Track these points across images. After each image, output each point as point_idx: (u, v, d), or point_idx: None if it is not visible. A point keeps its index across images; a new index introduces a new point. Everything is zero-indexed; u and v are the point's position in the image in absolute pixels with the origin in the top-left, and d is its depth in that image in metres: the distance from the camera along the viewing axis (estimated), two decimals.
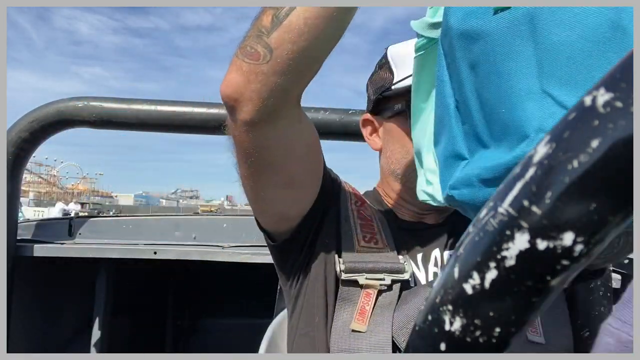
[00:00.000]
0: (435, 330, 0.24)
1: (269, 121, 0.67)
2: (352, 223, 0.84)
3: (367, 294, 0.77)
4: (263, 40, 0.60)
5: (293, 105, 0.70)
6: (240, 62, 0.62)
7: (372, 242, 0.82)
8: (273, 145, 0.72)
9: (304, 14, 0.58)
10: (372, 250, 0.81)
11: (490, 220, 0.21)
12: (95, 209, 29.51)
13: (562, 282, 0.20)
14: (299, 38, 0.59)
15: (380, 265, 0.78)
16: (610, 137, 0.17)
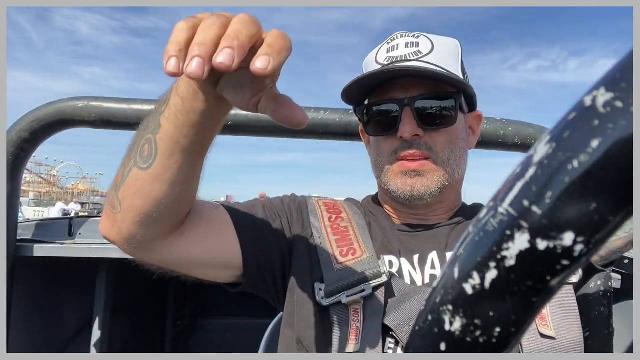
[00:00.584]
0: (436, 330, 0.24)
1: (151, 251, 0.74)
2: (328, 242, 0.84)
3: (354, 311, 0.77)
4: (116, 193, 0.70)
5: (175, 233, 0.74)
6: (106, 208, 0.74)
7: (349, 254, 0.82)
8: (184, 260, 0.78)
9: (136, 176, 0.66)
10: (350, 262, 0.81)
11: (490, 220, 0.21)
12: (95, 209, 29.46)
13: (562, 282, 0.20)
14: (135, 197, 0.67)
15: (358, 277, 0.78)
16: (611, 137, 0.17)
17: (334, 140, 1.37)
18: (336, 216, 0.89)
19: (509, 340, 0.22)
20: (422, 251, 0.86)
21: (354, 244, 0.84)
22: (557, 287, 0.21)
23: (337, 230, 0.86)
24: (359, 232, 0.86)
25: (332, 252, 0.83)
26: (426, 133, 0.83)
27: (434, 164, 0.84)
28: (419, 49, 0.84)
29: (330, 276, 0.80)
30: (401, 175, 0.84)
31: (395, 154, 0.84)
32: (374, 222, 0.92)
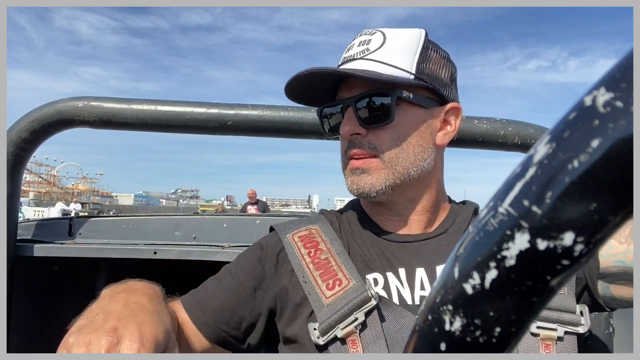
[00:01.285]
0: (436, 330, 0.24)
1: None
2: (313, 279, 0.83)
3: (352, 342, 0.76)
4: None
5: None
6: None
7: (335, 285, 0.81)
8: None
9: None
10: (338, 294, 0.80)
11: (490, 220, 0.21)
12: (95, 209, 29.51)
13: (562, 282, 0.20)
14: None
15: (348, 307, 0.77)
16: (611, 137, 0.17)
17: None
18: (315, 249, 0.87)
19: (509, 340, 0.22)
20: (409, 266, 0.85)
21: (338, 273, 0.82)
22: (557, 287, 0.21)
23: (319, 264, 0.85)
24: (340, 260, 0.85)
25: (319, 289, 0.81)
26: (370, 131, 0.83)
27: (380, 162, 0.83)
28: (367, 46, 0.84)
29: (322, 313, 0.78)
30: (350, 174, 0.86)
31: (346, 153, 0.86)
32: (353, 240, 0.90)
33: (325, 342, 0.76)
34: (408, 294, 0.82)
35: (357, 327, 0.76)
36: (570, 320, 0.76)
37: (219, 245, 1.45)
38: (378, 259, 0.86)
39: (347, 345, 0.76)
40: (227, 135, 1.38)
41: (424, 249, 0.86)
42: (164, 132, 1.38)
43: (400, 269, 0.84)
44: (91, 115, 1.31)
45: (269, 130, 1.34)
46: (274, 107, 1.35)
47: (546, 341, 0.75)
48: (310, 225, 0.94)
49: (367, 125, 0.83)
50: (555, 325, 0.75)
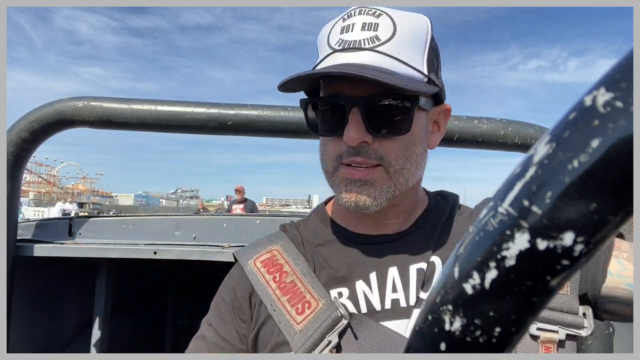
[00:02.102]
0: (435, 330, 0.24)
1: None
2: (281, 306, 0.78)
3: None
4: None
5: None
6: None
7: (305, 309, 0.76)
8: None
9: None
10: (309, 318, 0.75)
11: (490, 220, 0.21)
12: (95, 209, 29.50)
13: (562, 282, 0.20)
14: None
15: (321, 330, 0.73)
16: (611, 137, 0.17)
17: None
18: (279, 273, 0.81)
19: (509, 340, 0.22)
20: (381, 268, 0.79)
21: (306, 295, 0.78)
22: (557, 286, 0.21)
23: (286, 288, 0.79)
24: (306, 279, 0.79)
25: (288, 315, 0.77)
26: (376, 140, 0.73)
27: (384, 172, 0.74)
28: (377, 33, 0.71)
29: (296, 341, 0.74)
30: (345, 183, 0.75)
31: (340, 159, 0.75)
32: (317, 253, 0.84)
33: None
34: (377, 299, 0.77)
35: (332, 350, 0.73)
36: (572, 322, 0.71)
37: (219, 245, 1.45)
38: (346, 269, 0.80)
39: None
40: (227, 135, 1.38)
41: (397, 248, 0.80)
42: (164, 132, 1.39)
43: (371, 274, 0.78)
44: (91, 115, 1.31)
45: (269, 130, 1.34)
46: (274, 107, 1.35)
47: (547, 344, 0.71)
48: (272, 246, 0.87)
49: (375, 133, 0.72)
50: (556, 327, 0.71)
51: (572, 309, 0.72)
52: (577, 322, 0.71)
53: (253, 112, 1.33)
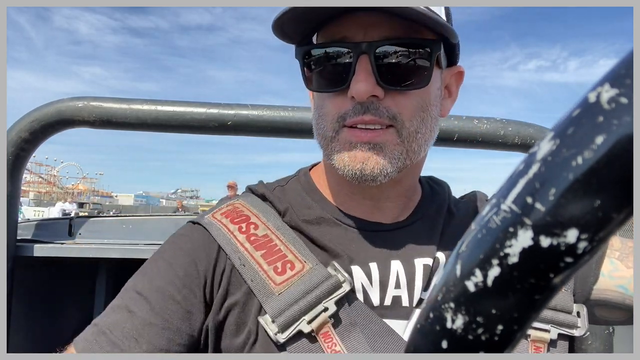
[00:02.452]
0: (437, 328, 0.24)
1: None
2: (252, 260, 0.64)
3: (325, 336, 0.61)
4: None
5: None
6: None
7: (286, 269, 0.63)
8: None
9: None
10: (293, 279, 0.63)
11: (493, 217, 0.21)
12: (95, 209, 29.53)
13: (565, 279, 0.20)
14: None
15: (316, 295, 0.61)
16: (615, 134, 0.17)
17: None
18: (246, 224, 0.67)
19: (511, 338, 0.22)
20: (382, 258, 0.68)
21: (287, 255, 0.65)
22: (560, 284, 0.20)
23: (257, 242, 0.65)
24: (285, 237, 0.66)
25: (263, 274, 0.63)
26: (388, 94, 0.61)
27: (396, 135, 0.63)
28: None
29: (274, 305, 0.61)
30: (350, 147, 0.62)
31: (343, 119, 0.63)
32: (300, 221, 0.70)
33: (286, 338, 0.60)
34: (376, 293, 0.67)
35: (329, 319, 0.61)
36: (565, 321, 0.66)
37: None
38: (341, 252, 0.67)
39: (319, 342, 0.61)
40: (227, 135, 1.38)
41: (398, 239, 0.70)
42: (164, 132, 1.38)
43: (372, 264, 0.67)
44: (91, 115, 1.31)
45: (269, 130, 1.34)
46: (274, 107, 1.35)
47: (537, 343, 0.65)
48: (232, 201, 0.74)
49: (388, 86, 0.61)
50: (548, 326, 0.65)
51: (566, 307, 0.67)
52: (570, 322, 0.66)
53: (253, 112, 1.33)
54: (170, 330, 0.62)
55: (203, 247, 0.67)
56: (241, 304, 0.64)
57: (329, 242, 0.68)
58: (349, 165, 0.62)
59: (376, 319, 0.65)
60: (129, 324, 0.61)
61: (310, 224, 0.70)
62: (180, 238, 0.70)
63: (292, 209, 0.71)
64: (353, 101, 0.61)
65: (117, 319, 0.62)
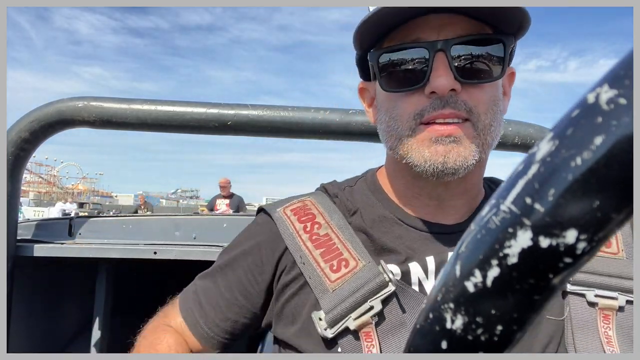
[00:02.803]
0: (437, 328, 0.24)
1: None
2: (312, 260, 0.70)
3: (366, 336, 0.65)
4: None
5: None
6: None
7: (341, 267, 0.68)
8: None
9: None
10: (346, 277, 0.67)
11: (492, 218, 0.21)
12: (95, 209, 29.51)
13: (565, 279, 0.20)
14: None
15: (361, 293, 0.65)
16: (614, 134, 0.17)
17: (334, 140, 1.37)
18: (311, 223, 0.73)
19: (510, 339, 0.22)
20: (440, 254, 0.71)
21: (343, 253, 0.69)
22: (559, 285, 0.20)
23: (319, 241, 0.71)
24: (344, 236, 0.71)
25: (321, 271, 0.68)
26: (464, 88, 0.64)
27: (473, 128, 0.65)
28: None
29: (328, 301, 0.66)
30: (429, 143, 0.64)
31: (420, 116, 0.65)
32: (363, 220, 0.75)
33: (334, 334, 0.64)
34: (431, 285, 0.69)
35: (374, 317, 0.64)
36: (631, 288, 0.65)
37: (219, 245, 1.45)
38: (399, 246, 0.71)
39: (361, 339, 0.64)
40: (227, 135, 1.38)
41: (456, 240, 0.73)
42: (164, 132, 1.38)
43: (428, 257, 0.70)
44: (91, 115, 1.31)
45: (269, 130, 1.34)
46: (274, 107, 1.35)
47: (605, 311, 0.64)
48: (304, 197, 0.80)
49: (464, 80, 0.63)
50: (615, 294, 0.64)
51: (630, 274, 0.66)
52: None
53: (253, 112, 1.33)
54: (236, 306, 0.76)
55: (270, 242, 0.76)
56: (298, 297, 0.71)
57: (388, 241, 0.72)
58: (430, 159, 0.64)
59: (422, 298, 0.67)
60: (211, 292, 0.79)
61: (372, 222, 0.74)
62: (255, 228, 0.81)
63: (360, 210, 0.76)
64: (431, 97, 0.64)
65: (207, 285, 0.80)
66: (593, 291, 0.65)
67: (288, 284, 0.73)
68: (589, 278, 0.66)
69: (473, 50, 0.64)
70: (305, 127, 1.33)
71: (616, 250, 0.68)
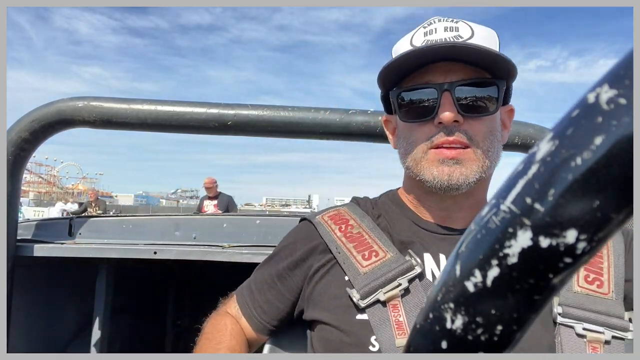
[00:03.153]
0: (437, 328, 0.24)
1: None
2: (346, 250, 0.84)
3: (394, 307, 0.77)
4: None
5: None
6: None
7: (372, 256, 0.82)
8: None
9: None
10: (376, 264, 0.81)
11: (492, 218, 0.21)
12: None
13: (565, 279, 0.20)
14: None
15: (392, 273, 0.79)
16: (614, 134, 0.17)
17: (334, 140, 1.37)
18: (345, 225, 0.89)
19: (510, 338, 0.22)
20: (449, 252, 0.82)
21: (373, 246, 0.84)
22: (559, 285, 0.20)
23: (352, 237, 0.86)
24: (374, 234, 0.86)
25: (354, 259, 0.83)
26: (466, 121, 0.79)
27: (473, 154, 0.80)
28: (459, 33, 0.81)
29: (359, 280, 0.79)
30: (437, 164, 0.80)
31: (431, 142, 0.80)
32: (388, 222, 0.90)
33: (365, 305, 0.77)
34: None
35: (401, 291, 0.77)
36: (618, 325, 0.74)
37: (219, 245, 1.45)
38: (416, 243, 0.85)
39: (388, 309, 0.77)
40: (227, 135, 1.38)
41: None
42: (164, 132, 1.38)
43: (441, 254, 0.83)
44: (91, 115, 1.31)
45: (269, 130, 1.34)
46: (274, 107, 1.35)
47: (593, 343, 0.74)
48: (339, 207, 0.97)
49: (465, 114, 0.79)
50: (602, 329, 0.74)
51: (617, 313, 0.75)
52: (623, 325, 0.74)
53: (253, 112, 1.33)
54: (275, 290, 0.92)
55: (306, 238, 0.92)
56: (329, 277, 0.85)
57: (406, 237, 0.86)
58: (438, 177, 0.79)
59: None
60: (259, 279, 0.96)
61: (393, 224, 0.90)
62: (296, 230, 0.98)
63: (383, 214, 0.93)
64: (439, 127, 0.79)
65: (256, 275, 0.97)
66: (582, 324, 0.74)
67: (319, 269, 0.87)
68: (579, 313, 0.75)
69: (472, 90, 0.80)
70: (305, 127, 1.33)
71: (607, 291, 0.77)
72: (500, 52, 0.80)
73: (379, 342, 0.76)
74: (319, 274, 0.87)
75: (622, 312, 0.75)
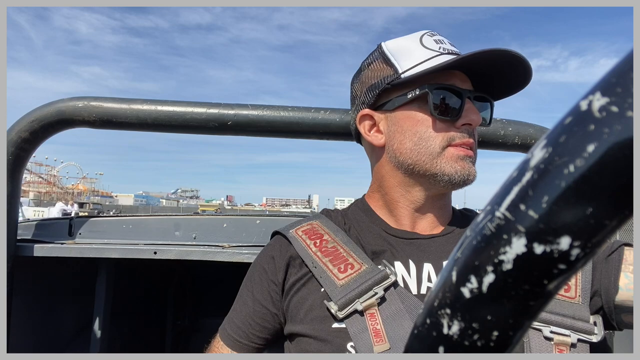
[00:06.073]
0: (434, 333, 0.24)
1: None
2: (322, 264, 0.86)
3: (371, 315, 0.79)
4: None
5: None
6: None
7: (347, 269, 0.84)
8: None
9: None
10: (352, 276, 0.83)
11: (487, 224, 0.21)
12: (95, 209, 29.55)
13: (560, 285, 0.20)
14: None
15: (367, 284, 0.80)
16: (606, 142, 0.17)
17: (334, 140, 1.37)
18: (320, 240, 0.91)
19: (506, 344, 0.22)
20: (417, 260, 0.86)
21: (349, 259, 0.86)
22: (554, 290, 0.21)
23: (327, 252, 0.88)
24: (348, 247, 0.88)
25: (330, 272, 0.84)
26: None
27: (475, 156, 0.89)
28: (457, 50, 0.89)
29: (337, 293, 0.81)
30: (459, 160, 0.85)
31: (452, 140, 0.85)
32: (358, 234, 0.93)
33: (344, 315, 0.79)
34: (414, 284, 0.84)
35: (377, 300, 0.79)
36: (583, 328, 0.77)
37: (219, 245, 1.45)
38: (387, 251, 0.88)
39: (365, 318, 0.79)
40: (227, 135, 1.38)
41: (431, 247, 0.89)
42: (164, 132, 1.38)
43: (410, 260, 0.86)
44: (91, 115, 1.31)
45: (269, 130, 1.34)
46: (274, 107, 1.35)
47: (560, 346, 0.76)
48: (311, 221, 0.97)
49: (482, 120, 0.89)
50: (568, 332, 0.76)
51: (583, 316, 0.78)
52: (588, 329, 0.77)
53: (253, 112, 1.33)
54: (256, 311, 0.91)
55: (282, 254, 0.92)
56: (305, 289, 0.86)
57: (377, 247, 0.89)
58: (460, 171, 0.85)
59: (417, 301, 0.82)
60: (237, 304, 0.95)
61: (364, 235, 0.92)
62: (270, 246, 0.96)
63: (353, 227, 0.95)
64: (461, 128, 0.86)
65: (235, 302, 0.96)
66: (549, 327, 0.77)
67: (295, 283, 0.87)
68: (546, 316, 0.78)
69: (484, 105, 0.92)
70: (305, 127, 1.33)
71: (574, 295, 0.80)
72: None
73: (356, 348, 0.77)
74: (295, 287, 0.87)
75: (587, 316, 0.78)
